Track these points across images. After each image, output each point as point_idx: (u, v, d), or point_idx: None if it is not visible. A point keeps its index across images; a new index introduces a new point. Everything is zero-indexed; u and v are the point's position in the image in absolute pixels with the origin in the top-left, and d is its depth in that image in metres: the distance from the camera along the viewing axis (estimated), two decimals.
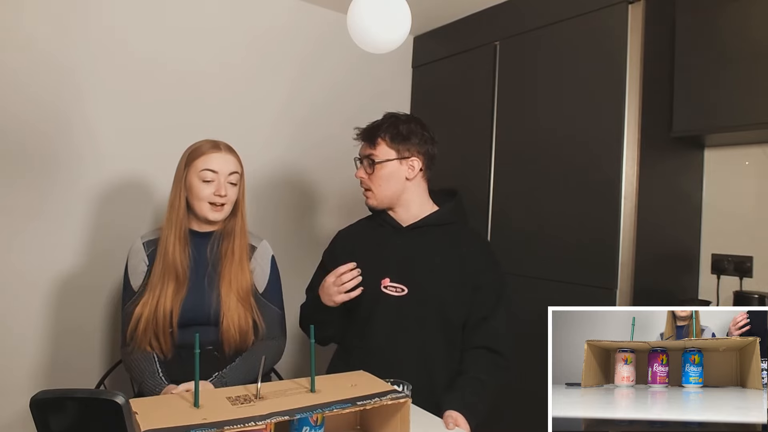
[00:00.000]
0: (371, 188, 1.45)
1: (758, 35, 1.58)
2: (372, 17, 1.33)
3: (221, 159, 1.38)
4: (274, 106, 2.23)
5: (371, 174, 1.44)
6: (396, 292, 1.40)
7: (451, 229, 1.47)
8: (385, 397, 0.99)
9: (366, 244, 1.48)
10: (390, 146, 1.43)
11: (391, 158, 1.42)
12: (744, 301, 1.71)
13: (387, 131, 1.43)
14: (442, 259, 1.42)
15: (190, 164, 1.37)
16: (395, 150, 1.43)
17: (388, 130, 1.43)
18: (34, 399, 0.76)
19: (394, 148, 1.43)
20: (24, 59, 1.70)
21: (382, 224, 1.49)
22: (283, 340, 1.49)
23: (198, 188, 1.36)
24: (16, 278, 1.71)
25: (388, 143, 1.43)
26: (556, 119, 1.92)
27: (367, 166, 1.45)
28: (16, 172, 1.70)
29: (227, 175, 1.38)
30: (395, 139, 1.43)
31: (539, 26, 2.01)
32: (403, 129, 1.43)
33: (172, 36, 1.97)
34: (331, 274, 1.35)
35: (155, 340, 1.34)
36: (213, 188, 1.36)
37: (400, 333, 1.38)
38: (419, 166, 1.45)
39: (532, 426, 1.33)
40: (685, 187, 1.92)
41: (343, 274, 1.33)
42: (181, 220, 1.38)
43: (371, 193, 1.46)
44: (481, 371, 1.34)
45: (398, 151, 1.43)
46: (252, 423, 0.84)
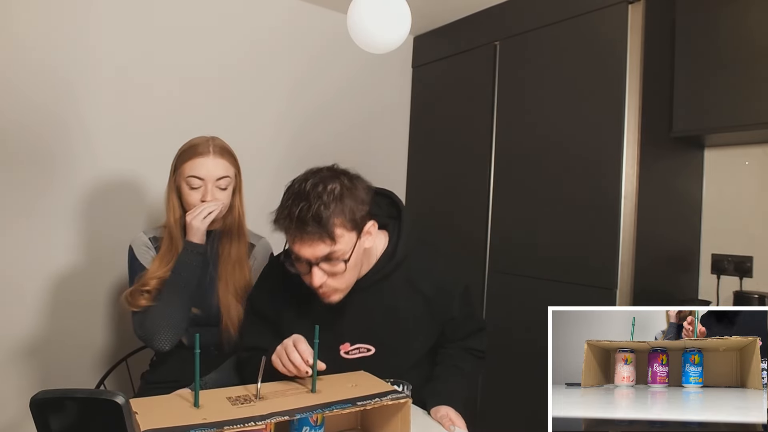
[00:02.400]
0: (339, 288, 1.11)
1: (758, 35, 1.58)
2: (372, 17, 1.33)
3: (208, 165, 1.33)
4: (273, 107, 2.23)
5: (339, 273, 1.08)
6: (360, 353, 1.20)
7: (405, 265, 1.21)
8: (385, 398, 0.98)
9: (297, 310, 1.20)
10: (351, 228, 1.07)
11: (354, 242, 1.08)
12: (744, 301, 1.71)
13: (336, 212, 1.04)
14: (405, 311, 1.21)
15: (178, 168, 1.36)
16: (355, 230, 1.08)
17: (337, 211, 1.04)
18: (34, 399, 0.76)
19: (353, 229, 1.08)
20: (19, 60, 1.70)
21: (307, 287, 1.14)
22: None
23: (186, 194, 1.35)
24: (14, 278, 1.71)
25: (348, 227, 1.06)
26: (556, 119, 1.92)
27: (329, 266, 1.07)
28: (11, 172, 1.70)
29: (215, 181, 1.34)
30: (351, 218, 1.07)
31: (539, 26, 2.01)
32: (349, 201, 1.07)
33: (172, 36, 1.97)
34: (293, 353, 1.04)
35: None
36: (200, 194, 1.34)
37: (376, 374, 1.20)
38: (375, 225, 1.15)
39: (532, 426, 1.33)
40: (685, 187, 1.92)
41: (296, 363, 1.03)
42: (179, 219, 1.38)
43: (339, 293, 1.13)
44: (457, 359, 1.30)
45: (358, 229, 1.09)
46: (252, 423, 0.84)
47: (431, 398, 1.22)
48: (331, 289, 1.11)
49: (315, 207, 1.02)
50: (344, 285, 1.12)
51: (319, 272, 1.07)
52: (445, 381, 1.26)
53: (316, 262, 1.06)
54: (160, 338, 1.29)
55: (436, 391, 1.23)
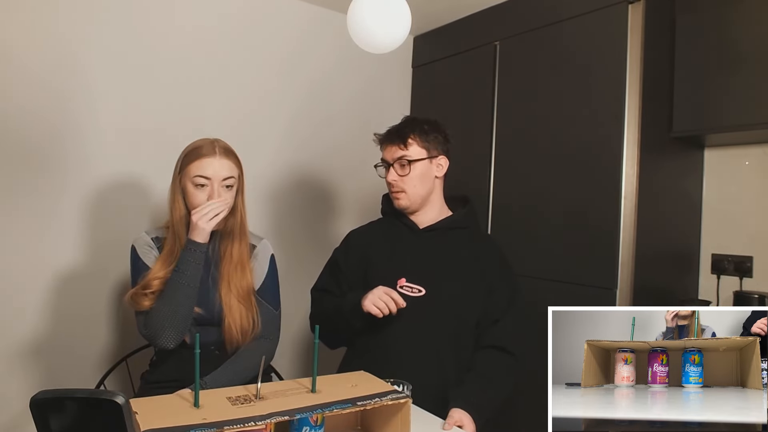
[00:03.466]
0: (404, 189, 1.45)
1: (758, 35, 1.58)
2: (372, 17, 1.33)
3: (215, 164, 1.34)
4: (274, 107, 2.22)
5: (405, 175, 1.44)
6: (412, 293, 1.41)
7: (466, 232, 1.50)
8: (385, 398, 0.99)
9: (381, 245, 1.50)
10: (421, 145, 1.45)
11: (423, 157, 1.45)
12: (744, 301, 1.71)
13: (416, 131, 1.46)
14: (458, 261, 1.45)
15: (184, 168, 1.36)
16: (425, 149, 1.46)
17: (416, 130, 1.46)
18: (34, 399, 0.76)
19: (424, 147, 1.46)
20: (20, 61, 1.70)
21: (397, 225, 1.51)
22: (276, 341, 1.47)
23: (192, 194, 1.35)
24: (15, 278, 1.71)
25: (419, 143, 1.45)
26: (556, 119, 1.92)
27: (399, 167, 1.45)
28: (16, 173, 1.70)
29: (221, 181, 1.35)
30: (425, 139, 1.46)
31: (539, 26, 2.01)
32: (430, 129, 1.47)
33: (173, 36, 1.97)
34: (384, 289, 1.34)
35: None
36: (206, 194, 1.34)
37: (415, 332, 1.39)
38: (446, 165, 1.50)
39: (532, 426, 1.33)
40: (685, 186, 1.92)
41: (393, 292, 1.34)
42: (183, 218, 1.38)
43: (404, 195, 1.46)
44: (489, 369, 1.37)
45: (428, 150, 1.46)
46: (252, 423, 0.84)
47: (452, 401, 1.26)
48: (399, 188, 1.46)
49: (400, 126, 1.49)
50: (410, 189, 1.45)
51: (393, 171, 1.46)
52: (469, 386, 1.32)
53: (392, 162, 1.46)
54: (165, 337, 1.29)
55: (457, 395, 1.28)
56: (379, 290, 1.34)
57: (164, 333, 1.29)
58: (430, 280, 1.42)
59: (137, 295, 1.31)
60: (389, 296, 1.32)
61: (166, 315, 1.28)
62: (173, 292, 1.29)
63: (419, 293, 1.41)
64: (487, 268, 1.46)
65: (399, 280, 1.42)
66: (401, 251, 1.46)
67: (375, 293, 1.34)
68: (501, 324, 1.42)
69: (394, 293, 1.33)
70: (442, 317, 1.40)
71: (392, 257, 1.46)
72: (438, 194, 1.51)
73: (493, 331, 1.41)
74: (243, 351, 1.39)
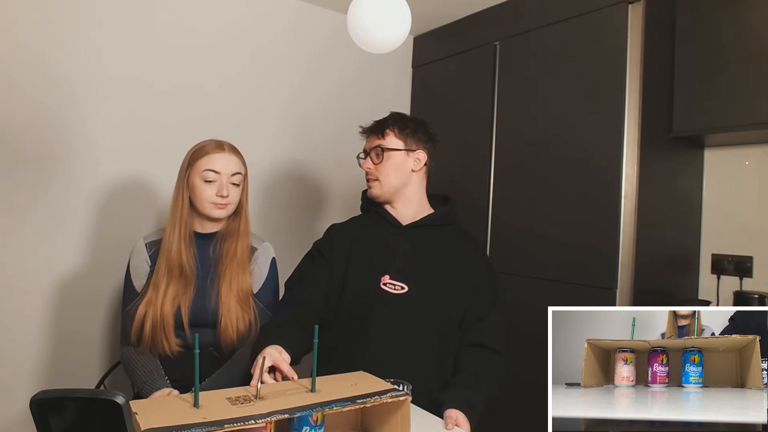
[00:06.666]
0: (378, 178, 1.47)
1: (758, 35, 1.58)
2: (372, 17, 1.33)
3: (224, 159, 1.37)
4: (275, 107, 2.23)
5: (379, 163, 1.46)
6: (395, 290, 1.41)
7: (448, 230, 1.51)
8: (384, 396, 0.99)
9: (364, 240, 1.49)
10: (398, 137, 1.47)
11: (399, 148, 1.47)
12: (744, 301, 1.71)
13: (395, 124, 1.48)
14: (442, 259, 1.45)
15: (192, 164, 1.37)
16: (403, 141, 1.47)
17: (396, 123, 1.48)
18: (34, 399, 0.76)
19: (402, 139, 1.47)
20: (22, 61, 1.70)
21: (379, 221, 1.50)
22: None
23: (200, 189, 1.36)
24: (16, 279, 1.71)
25: (397, 134, 1.48)
26: (556, 119, 1.92)
27: (375, 156, 1.48)
28: (17, 174, 1.70)
29: (230, 176, 1.38)
30: (403, 131, 1.48)
31: (539, 26, 2.01)
32: (410, 124, 1.49)
33: (175, 36, 1.97)
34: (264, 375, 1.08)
35: (165, 340, 1.33)
36: (215, 189, 1.36)
37: (398, 330, 1.38)
38: (424, 160, 1.50)
39: (532, 426, 1.33)
40: (685, 187, 1.92)
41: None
42: (185, 220, 1.38)
43: (377, 183, 1.48)
44: (477, 368, 1.35)
45: (406, 143, 1.48)
46: (252, 421, 0.84)
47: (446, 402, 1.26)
48: (373, 176, 1.48)
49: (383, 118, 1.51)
50: (383, 177, 1.46)
51: (368, 160, 1.49)
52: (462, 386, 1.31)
53: (369, 151, 1.49)
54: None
55: (451, 395, 1.27)
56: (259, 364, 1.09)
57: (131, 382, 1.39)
58: (414, 276, 1.41)
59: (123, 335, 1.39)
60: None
61: (136, 378, 1.34)
62: (131, 373, 1.36)
63: (402, 290, 1.40)
64: (471, 266, 1.46)
65: (383, 277, 1.41)
66: (385, 248, 1.45)
67: (263, 354, 1.12)
68: (486, 322, 1.41)
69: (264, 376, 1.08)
70: (425, 313, 1.39)
71: (376, 253, 1.45)
72: (416, 190, 1.51)
73: (477, 329, 1.40)
74: (239, 355, 1.39)
